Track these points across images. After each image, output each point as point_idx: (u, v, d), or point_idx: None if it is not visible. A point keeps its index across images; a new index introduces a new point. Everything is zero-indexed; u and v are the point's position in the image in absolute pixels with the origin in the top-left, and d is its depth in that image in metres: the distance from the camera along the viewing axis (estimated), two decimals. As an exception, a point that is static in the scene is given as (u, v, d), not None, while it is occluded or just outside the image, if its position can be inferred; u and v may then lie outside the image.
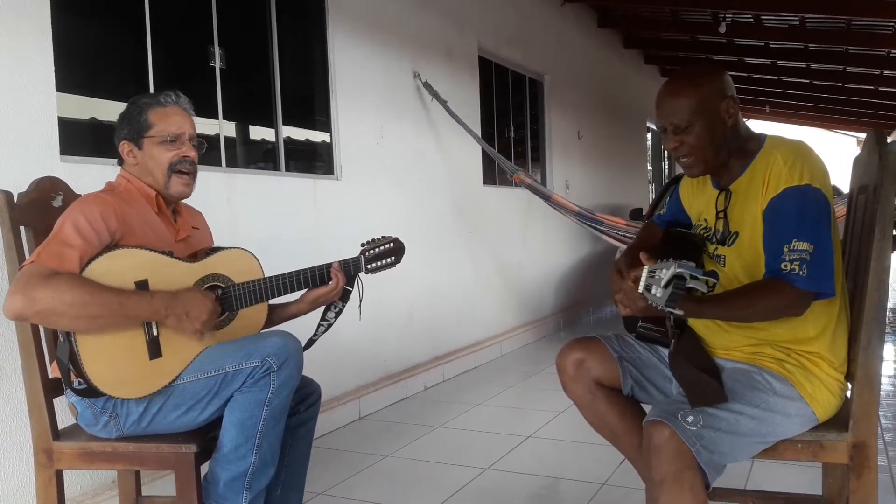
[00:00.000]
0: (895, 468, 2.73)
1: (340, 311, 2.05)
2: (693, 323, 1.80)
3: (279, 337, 1.79)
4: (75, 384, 1.72)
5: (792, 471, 2.61)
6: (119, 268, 1.70)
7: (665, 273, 1.36)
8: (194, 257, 1.87)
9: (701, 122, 1.65)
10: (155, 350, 1.73)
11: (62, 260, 1.64)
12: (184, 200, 2.00)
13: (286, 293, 1.91)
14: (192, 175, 1.93)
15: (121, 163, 1.94)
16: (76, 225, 1.68)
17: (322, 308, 2.05)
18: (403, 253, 2.06)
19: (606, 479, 2.73)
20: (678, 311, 1.40)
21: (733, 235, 1.70)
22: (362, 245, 2.04)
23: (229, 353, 1.76)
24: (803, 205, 1.57)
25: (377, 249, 2.03)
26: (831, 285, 1.56)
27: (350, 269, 2.01)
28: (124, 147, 1.90)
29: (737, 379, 1.63)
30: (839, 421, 1.65)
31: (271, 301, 1.95)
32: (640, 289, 1.43)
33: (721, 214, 1.73)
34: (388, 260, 2.04)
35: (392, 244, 2.04)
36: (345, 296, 2.03)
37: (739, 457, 1.60)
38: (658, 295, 1.37)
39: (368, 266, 2.02)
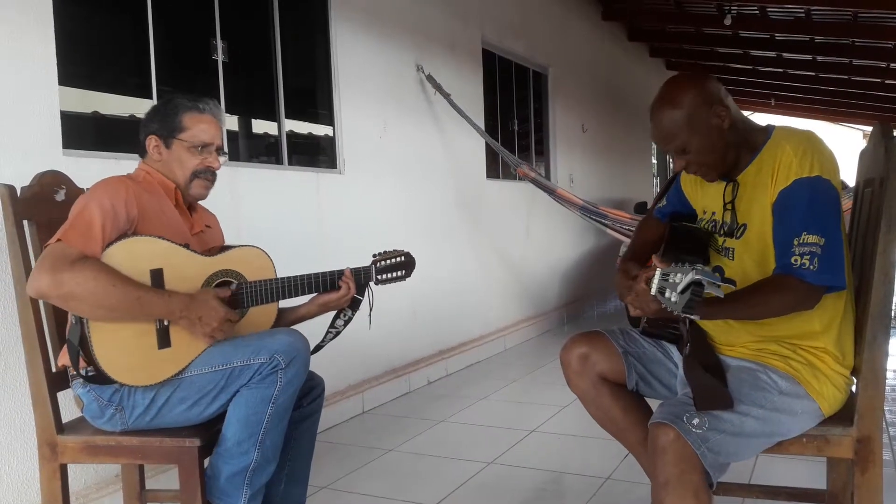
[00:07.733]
0: (900, 463, 2.72)
1: (350, 319, 2.06)
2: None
3: (288, 335, 1.79)
4: (84, 371, 1.73)
5: (797, 465, 2.60)
6: (137, 254, 1.72)
7: (681, 278, 1.35)
8: (210, 252, 1.88)
9: (696, 138, 1.64)
10: (164, 340, 1.74)
11: (88, 241, 1.65)
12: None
13: (297, 295, 1.92)
14: (212, 181, 1.96)
15: (143, 155, 1.94)
16: (102, 207, 1.69)
17: (332, 315, 2.06)
18: (414, 267, 2.08)
19: (610, 473, 2.73)
20: (695, 316, 1.39)
21: (741, 227, 1.69)
22: (374, 256, 2.05)
23: (238, 347, 1.76)
24: (813, 197, 1.55)
25: (388, 261, 2.04)
26: (842, 278, 1.55)
27: (361, 279, 2.02)
28: (151, 141, 1.90)
29: (742, 378, 1.61)
30: (844, 416, 1.64)
31: (281, 303, 1.95)
32: (653, 291, 1.42)
33: (729, 206, 1.72)
34: (399, 273, 2.06)
35: (403, 258, 2.06)
36: (354, 304, 2.03)
37: (745, 456, 1.59)
38: (674, 300, 1.37)
39: (379, 277, 2.03)
